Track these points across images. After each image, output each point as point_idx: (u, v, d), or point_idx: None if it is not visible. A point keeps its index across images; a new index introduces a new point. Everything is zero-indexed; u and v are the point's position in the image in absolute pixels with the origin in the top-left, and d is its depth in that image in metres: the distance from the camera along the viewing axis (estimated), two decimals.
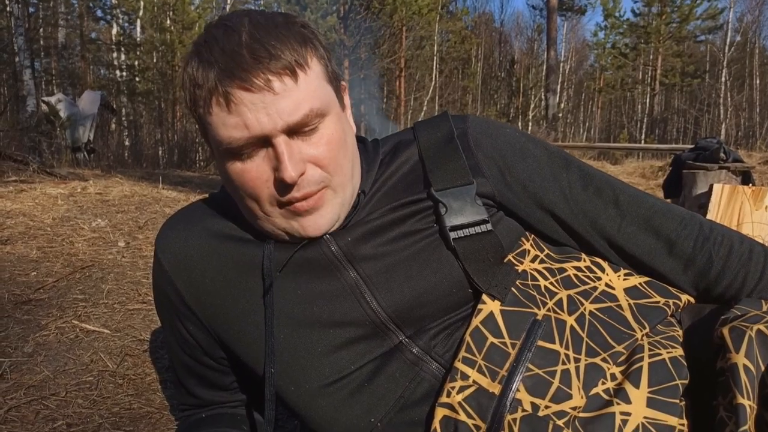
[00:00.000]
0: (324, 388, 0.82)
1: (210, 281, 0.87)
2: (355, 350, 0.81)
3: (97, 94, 9.78)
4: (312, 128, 0.74)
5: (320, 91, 0.75)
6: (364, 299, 0.81)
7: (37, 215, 3.05)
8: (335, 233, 0.83)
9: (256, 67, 0.69)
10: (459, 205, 0.83)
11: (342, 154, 0.79)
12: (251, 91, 0.70)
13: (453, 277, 0.82)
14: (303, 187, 0.75)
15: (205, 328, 0.90)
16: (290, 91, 0.71)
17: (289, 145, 0.73)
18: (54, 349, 1.68)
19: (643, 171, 11.09)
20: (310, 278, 0.83)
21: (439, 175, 0.85)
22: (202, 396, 0.99)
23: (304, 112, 0.72)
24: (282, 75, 0.70)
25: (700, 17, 25.48)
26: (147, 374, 1.60)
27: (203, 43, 0.74)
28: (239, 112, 0.70)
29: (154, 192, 4.05)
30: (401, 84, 19.75)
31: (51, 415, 1.35)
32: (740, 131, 25.74)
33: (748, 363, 0.68)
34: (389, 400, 0.81)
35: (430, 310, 0.82)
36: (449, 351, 0.81)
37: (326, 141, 0.76)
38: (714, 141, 5.84)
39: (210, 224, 0.89)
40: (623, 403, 0.73)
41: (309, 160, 0.75)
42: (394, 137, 0.94)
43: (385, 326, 0.81)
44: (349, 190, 0.81)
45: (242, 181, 0.76)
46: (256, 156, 0.75)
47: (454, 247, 0.82)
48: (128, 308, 2.00)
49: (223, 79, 0.70)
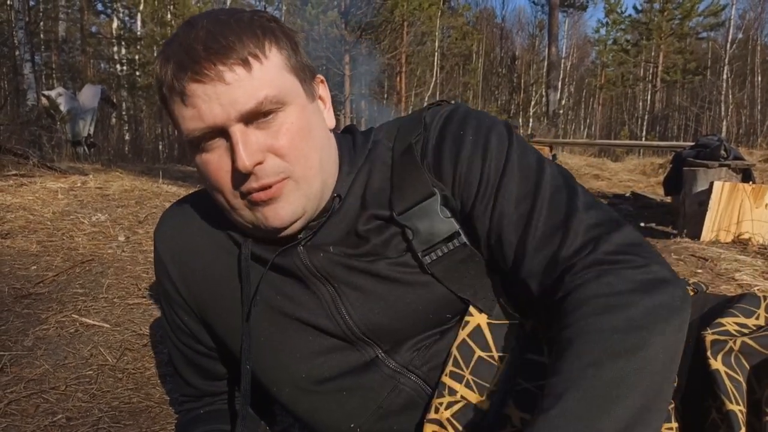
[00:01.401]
0: (303, 390, 0.83)
1: (201, 273, 0.88)
2: (332, 359, 0.81)
3: (97, 88, 9.75)
4: (270, 117, 0.74)
5: (278, 80, 0.74)
6: (339, 314, 0.80)
7: (37, 209, 3.04)
8: (309, 247, 0.81)
9: (208, 58, 0.70)
10: (426, 225, 0.78)
11: (306, 145, 0.76)
12: (203, 83, 0.70)
13: (430, 297, 0.79)
14: (261, 177, 0.74)
15: (196, 317, 0.92)
16: (242, 80, 0.71)
17: (245, 134, 0.72)
18: (54, 343, 1.68)
19: (644, 168, 11.08)
20: (289, 285, 0.83)
21: (400, 194, 0.79)
22: (198, 386, 1.00)
23: (258, 100, 0.72)
24: (234, 65, 0.71)
25: (702, 14, 25.42)
26: (146, 368, 1.60)
27: (168, 40, 0.76)
28: (194, 104, 0.71)
29: (154, 187, 4.04)
30: (402, 80, 19.71)
31: (51, 409, 1.36)
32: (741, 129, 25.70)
33: (730, 371, 0.68)
34: (368, 409, 0.81)
35: (405, 326, 0.80)
36: (427, 363, 0.80)
37: (286, 130, 0.74)
38: (715, 138, 5.83)
39: (206, 217, 0.89)
40: None
41: (267, 149, 0.74)
42: (383, 130, 0.88)
43: (361, 341, 0.81)
44: (316, 184, 0.78)
45: (206, 173, 0.77)
46: (217, 148, 0.75)
47: (432, 273, 0.78)
48: (128, 303, 2.00)
49: (178, 73, 0.71)
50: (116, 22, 18.58)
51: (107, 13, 19.20)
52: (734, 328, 0.74)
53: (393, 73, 21.09)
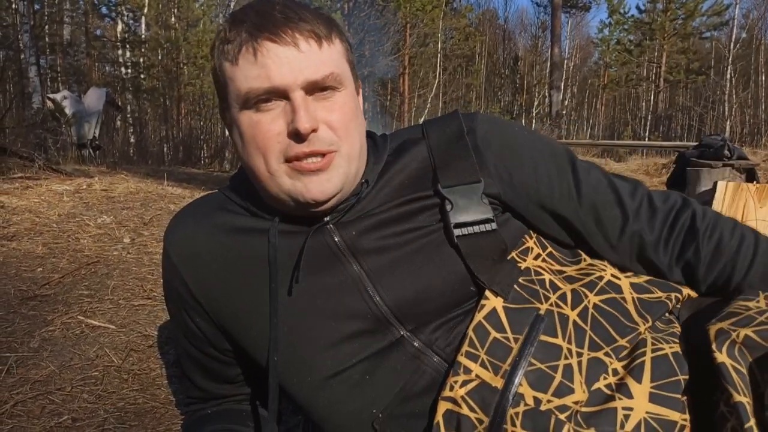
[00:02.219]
0: (326, 380, 0.83)
1: (216, 274, 0.88)
2: (357, 343, 0.82)
3: (102, 91, 9.80)
4: (328, 92, 0.79)
5: (341, 64, 0.81)
6: (367, 293, 0.82)
7: (42, 212, 3.06)
8: (339, 224, 0.84)
9: (286, 24, 0.76)
10: (465, 202, 0.84)
11: (354, 127, 0.82)
12: (278, 44, 0.75)
13: (455, 274, 0.83)
14: (313, 143, 0.77)
15: (211, 320, 0.91)
16: (314, 52, 0.77)
17: (306, 101, 0.77)
18: (59, 345, 1.69)
19: (647, 168, 11.05)
20: (313, 270, 0.84)
21: (447, 172, 0.86)
22: (207, 388, 1.00)
23: (325, 73, 0.77)
24: (308, 37, 0.77)
25: (706, 13, 25.35)
26: (152, 369, 1.61)
27: (239, 10, 0.81)
28: (264, 64, 0.75)
29: (159, 189, 4.06)
30: (405, 81, 19.72)
31: (56, 410, 1.37)
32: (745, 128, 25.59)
33: (735, 363, 0.69)
34: (391, 392, 0.81)
35: (431, 306, 0.82)
36: (450, 345, 0.82)
37: (339, 108, 0.80)
38: (718, 138, 5.81)
39: (218, 217, 0.90)
40: (625, 398, 0.73)
41: (322, 120, 0.78)
42: (403, 134, 0.95)
43: (387, 320, 0.82)
44: (354, 166, 0.83)
45: (254, 134, 0.79)
46: (271, 110, 0.78)
47: (457, 244, 0.83)
48: (133, 304, 2.01)
49: (254, 31, 0.76)
50: (121, 25, 18.64)
51: (112, 16, 19.29)
52: (737, 313, 0.75)
53: (396, 75, 21.10)
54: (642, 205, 0.89)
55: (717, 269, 0.86)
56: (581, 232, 0.90)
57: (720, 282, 0.87)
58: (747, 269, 0.85)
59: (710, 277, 0.87)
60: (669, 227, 0.88)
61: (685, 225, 0.88)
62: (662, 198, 0.90)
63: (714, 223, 0.88)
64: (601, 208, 0.88)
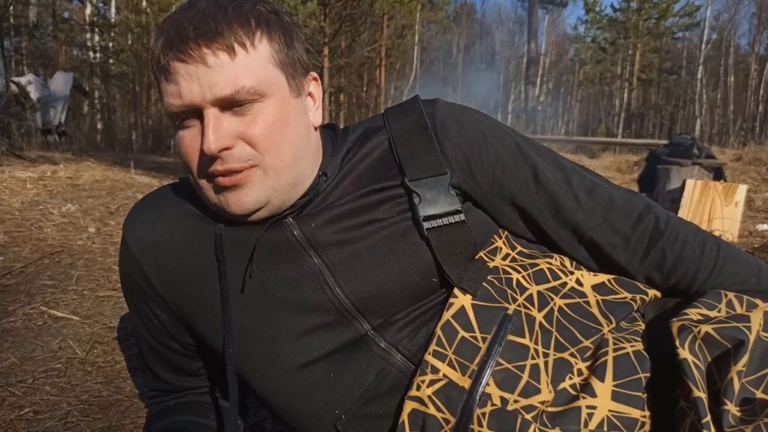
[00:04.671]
0: (288, 374, 0.81)
1: (176, 265, 0.86)
2: (319, 337, 0.81)
3: (69, 76, 9.54)
4: (246, 106, 0.75)
5: (261, 72, 0.76)
6: (328, 286, 0.81)
7: (4, 199, 2.97)
8: (299, 218, 0.83)
9: (195, 40, 0.72)
10: (433, 195, 0.83)
11: (280, 137, 0.78)
12: (186, 62, 0.73)
13: (419, 266, 0.82)
14: (227, 162, 0.75)
15: (172, 312, 0.89)
16: (223, 66, 0.73)
17: (218, 119, 0.74)
18: (21, 336, 1.64)
19: (619, 165, 11.25)
20: (273, 263, 0.82)
21: (412, 165, 0.84)
22: (169, 381, 0.98)
23: (236, 88, 0.73)
24: (218, 50, 0.73)
25: (678, 14, 25.88)
26: (117, 362, 1.57)
27: (169, 15, 0.78)
28: (176, 81, 0.74)
29: (126, 177, 3.97)
30: (382, 73, 19.67)
31: (17, 402, 1.33)
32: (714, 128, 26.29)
33: (695, 359, 0.70)
34: (355, 393, 0.80)
35: (394, 298, 0.81)
36: (416, 345, 0.81)
37: (261, 120, 0.76)
38: (688, 138, 5.97)
39: (178, 208, 0.88)
40: (589, 397, 0.74)
41: (239, 136, 0.75)
42: (364, 123, 0.93)
43: (349, 314, 0.81)
44: (286, 177, 0.80)
45: (180, 149, 0.79)
46: (192, 126, 0.77)
47: (428, 237, 0.82)
48: (98, 295, 1.96)
49: (165, 49, 0.74)
50: (90, 8, 18.15)
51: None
52: (697, 318, 0.76)
53: (372, 66, 21.03)
54: (599, 204, 0.88)
55: (680, 272, 0.87)
56: (541, 225, 0.89)
57: (683, 285, 0.88)
58: (710, 272, 0.86)
59: (673, 279, 0.88)
60: (631, 228, 0.87)
61: (649, 227, 0.88)
62: (624, 198, 0.90)
63: (677, 227, 0.88)
64: (559, 201, 0.87)
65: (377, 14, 13.78)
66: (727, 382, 0.68)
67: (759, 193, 6.90)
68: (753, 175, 7.97)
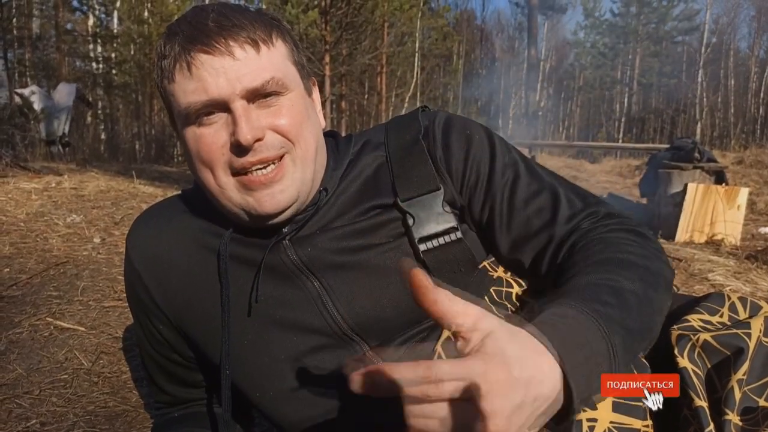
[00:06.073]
0: (287, 394, 0.82)
1: (178, 280, 0.86)
2: (318, 359, 0.81)
3: (72, 87, 9.57)
4: (271, 98, 0.76)
5: (283, 66, 0.77)
6: (326, 309, 0.81)
7: (10, 210, 2.98)
8: (295, 240, 0.82)
9: (219, 33, 0.72)
10: (426, 214, 0.82)
11: (306, 128, 0.79)
12: (212, 54, 0.72)
13: None
14: (259, 152, 0.75)
15: (173, 326, 0.90)
16: (251, 59, 0.74)
17: (247, 110, 0.74)
18: (27, 347, 1.65)
19: (621, 170, 11.25)
20: (273, 284, 0.82)
21: (405, 183, 0.83)
22: (174, 393, 0.99)
23: (265, 79, 0.74)
24: (244, 44, 0.73)
25: (677, 18, 25.92)
26: (122, 372, 1.58)
27: (174, 22, 0.78)
28: (200, 77, 0.73)
29: (130, 187, 3.99)
30: (382, 80, 19.70)
31: (24, 414, 1.33)
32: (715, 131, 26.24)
33: (695, 367, 0.70)
34: (354, 412, 0.80)
35: (392, 322, 0.81)
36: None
37: (287, 111, 0.77)
38: (689, 141, 5.95)
39: (181, 222, 0.88)
40: (589, 410, 0.74)
41: (268, 127, 0.76)
42: (367, 134, 0.93)
43: (348, 337, 0.81)
44: (309, 169, 0.80)
45: (198, 148, 0.77)
46: (214, 122, 0.76)
47: (423, 260, 0.81)
48: (104, 305, 1.97)
49: (186, 44, 0.73)
50: (92, 19, 18.24)
51: (83, 10, 18.85)
52: (698, 324, 0.76)
53: (373, 74, 21.08)
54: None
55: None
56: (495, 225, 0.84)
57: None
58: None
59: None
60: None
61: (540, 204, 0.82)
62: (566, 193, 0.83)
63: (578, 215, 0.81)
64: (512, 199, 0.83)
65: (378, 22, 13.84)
66: (727, 391, 0.68)
67: (761, 196, 6.90)
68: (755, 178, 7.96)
